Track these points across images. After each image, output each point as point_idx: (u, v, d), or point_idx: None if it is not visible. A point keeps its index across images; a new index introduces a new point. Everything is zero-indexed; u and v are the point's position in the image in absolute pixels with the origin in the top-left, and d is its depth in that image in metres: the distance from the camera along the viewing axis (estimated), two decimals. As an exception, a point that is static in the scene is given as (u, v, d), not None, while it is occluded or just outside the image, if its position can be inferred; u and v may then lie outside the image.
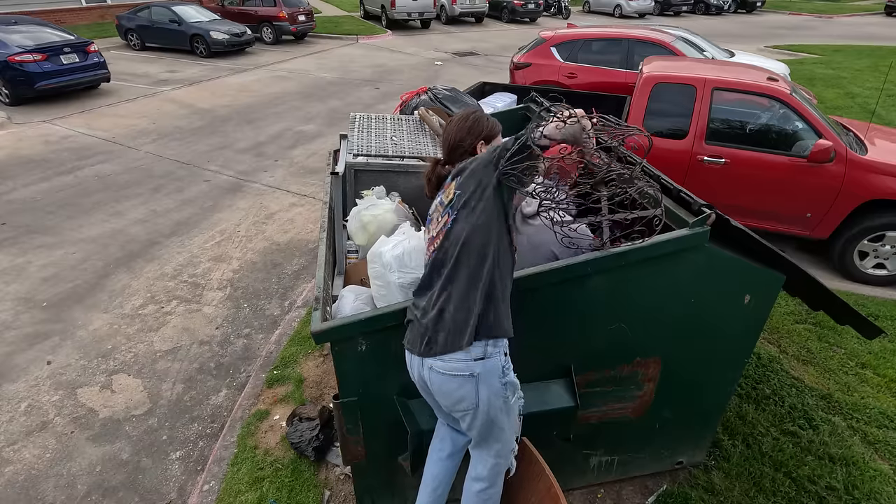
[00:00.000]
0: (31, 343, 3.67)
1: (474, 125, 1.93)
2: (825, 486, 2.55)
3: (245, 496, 2.55)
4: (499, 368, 1.67)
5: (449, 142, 1.95)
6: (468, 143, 1.92)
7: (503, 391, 1.70)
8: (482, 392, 1.67)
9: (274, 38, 15.56)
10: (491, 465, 1.86)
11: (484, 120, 1.96)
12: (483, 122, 1.95)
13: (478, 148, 1.92)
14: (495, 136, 1.96)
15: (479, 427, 1.78)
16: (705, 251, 1.91)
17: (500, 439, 1.81)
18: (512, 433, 1.84)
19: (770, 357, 3.38)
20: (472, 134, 1.92)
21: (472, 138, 1.92)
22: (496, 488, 1.90)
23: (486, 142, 1.93)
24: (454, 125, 1.95)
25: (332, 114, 8.92)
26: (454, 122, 1.97)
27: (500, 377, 1.68)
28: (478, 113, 1.98)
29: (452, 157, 1.95)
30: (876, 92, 9.58)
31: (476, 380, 1.66)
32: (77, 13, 17.02)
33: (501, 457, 1.86)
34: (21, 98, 9.12)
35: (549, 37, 7.28)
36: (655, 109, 4.49)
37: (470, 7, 20.25)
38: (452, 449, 2.00)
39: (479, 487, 1.89)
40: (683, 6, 24.37)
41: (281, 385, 3.23)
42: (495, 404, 1.71)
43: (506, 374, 1.70)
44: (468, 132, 1.92)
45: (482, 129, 1.94)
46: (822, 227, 4.29)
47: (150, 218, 5.42)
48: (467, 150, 1.91)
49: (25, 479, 2.72)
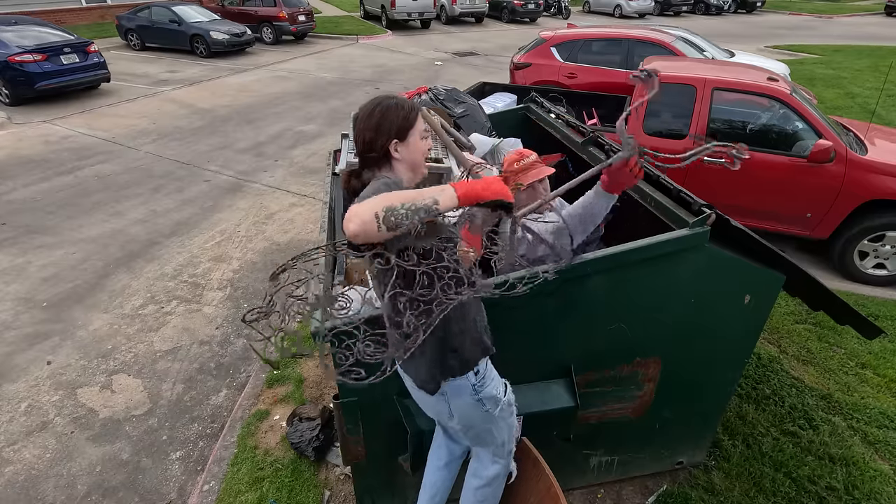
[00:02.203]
0: (31, 343, 3.67)
1: (382, 120, 1.49)
2: (825, 487, 2.54)
3: (245, 496, 2.55)
4: (468, 387, 1.61)
5: (358, 142, 1.53)
6: (379, 146, 1.49)
7: (480, 406, 1.64)
8: (454, 407, 1.64)
9: (274, 39, 15.56)
10: (488, 465, 1.86)
11: (393, 109, 1.50)
12: (392, 112, 1.50)
13: (391, 149, 1.50)
14: (411, 126, 1.52)
15: (465, 434, 1.78)
16: (705, 251, 1.91)
17: (492, 443, 1.80)
18: (506, 437, 1.80)
19: (770, 357, 3.38)
20: (382, 132, 1.49)
21: (383, 138, 1.49)
22: (492, 489, 1.89)
23: (400, 139, 1.50)
24: (360, 123, 1.53)
25: (333, 114, 8.92)
26: (359, 118, 1.54)
27: (471, 394, 1.62)
28: (385, 101, 1.52)
29: (364, 161, 1.55)
30: (876, 92, 9.57)
31: (446, 397, 1.63)
32: (77, 13, 17.03)
33: (499, 457, 1.85)
34: (21, 98, 9.13)
35: (549, 37, 7.28)
36: (655, 109, 4.49)
37: (470, 7, 20.24)
38: (449, 458, 1.99)
39: (476, 484, 1.89)
40: (683, 6, 24.36)
41: (281, 385, 3.23)
42: (474, 417, 1.68)
43: (479, 391, 1.62)
44: (376, 130, 1.49)
45: (392, 124, 1.49)
46: (822, 227, 4.29)
47: (150, 218, 5.42)
48: (380, 154, 1.51)
49: (25, 479, 2.72)
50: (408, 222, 1.15)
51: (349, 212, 1.18)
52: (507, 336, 1.78)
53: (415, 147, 1.54)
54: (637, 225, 2.13)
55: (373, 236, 1.15)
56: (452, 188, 1.24)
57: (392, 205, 1.16)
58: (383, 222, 1.14)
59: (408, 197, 1.19)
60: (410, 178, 1.57)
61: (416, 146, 1.54)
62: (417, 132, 1.54)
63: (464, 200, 1.23)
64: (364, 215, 1.14)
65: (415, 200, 1.18)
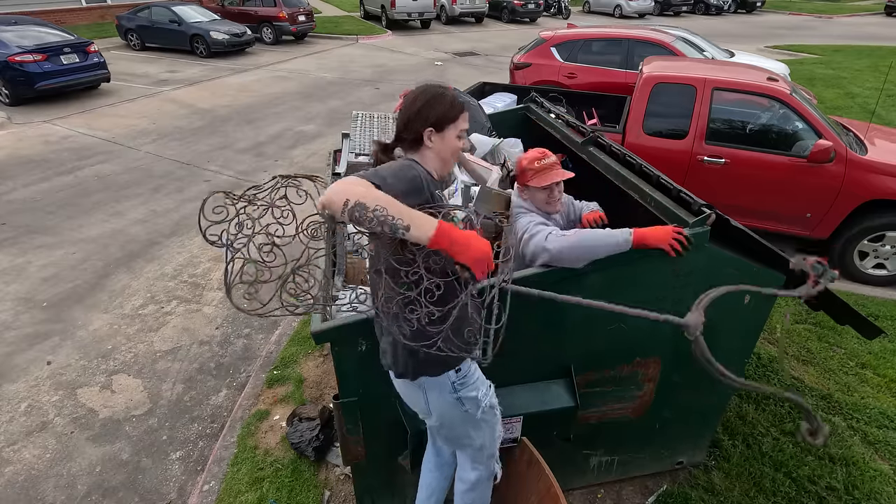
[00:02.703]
0: (31, 343, 3.67)
1: (425, 106, 1.48)
2: (825, 487, 2.55)
3: (245, 496, 2.55)
4: (447, 384, 1.59)
5: (399, 123, 1.55)
6: (414, 129, 1.50)
7: (459, 405, 1.62)
8: (431, 401, 1.63)
9: (274, 39, 15.56)
10: (469, 469, 1.85)
11: (439, 99, 1.50)
12: (437, 101, 1.49)
13: (425, 136, 1.49)
14: (452, 122, 1.51)
15: (439, 433, 1.76)
16: (705, 251, 1.91)
17: (469, 446, 1.78)
18: (486, 441, 1.78)
19: (770, 357, 3.38)
20: (421, 117, 1.48)
21: (420, 123, 1.49)
22: (478, 493, 1.89)
23: (436, 129, 1.49)
24: (404, 103, 1.54)
25: (332, 114, 8.92)
26: (407, 98, 1.55)
27: (450, 392, 1.60)
28: (435, 89, 1.53)
29: (398, 141, 1.57)
30: (876, 92, 9.57)
31: (423, 390, 1.62)
32: (77, 13, 17.03)
33: (478, 462, 1.83)
34: (21, 98, 9.13)
35: (549, 37, 7.28)
36: (655, 109, 4.49)
37: (470, 7, 20.24)
38: (439, 461, 2.00)
39: (461, 488, 1.89)
40: (683, 6, 24.36)
41: (281, 385, 3.23)
42: (453, 416, 1.66)
43: (458, 390, 1.60)
44: (417, 115, 1.49)
45: (434, 113, 1.48)
46: (822, 227, 4.29)
47: (150, 218, 5.42)
48: (413, 137, 1.51)
49: (25, 479, 2.72)
50: (368, 225, 1.17)
51: (337, 182, 1.22)
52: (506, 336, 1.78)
53: (449, 142, 1.53)
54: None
55: (335, 214, 1.20)
56: (433, 228, 1.21)
57: (366, 203, 1.17)
58: (348, 211, 1.17)
59: (389, 206, 1.18)
60: (437, 169, 1.56)
61: (450, 141, 1.53)
62: (456, 129, 1.53)
63: (433, 245, 1.21)
64: (340, 194, 1.18)
65: (391, 212, 1.17)
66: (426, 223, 1.20)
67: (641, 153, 2.82)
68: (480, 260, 1.23)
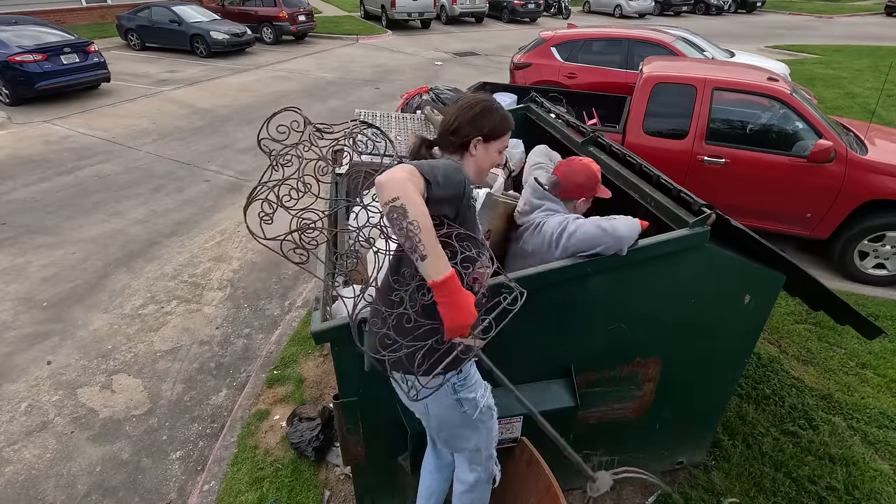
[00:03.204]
0: (31, 343, 3.67)
1: (478, 117, 1.59)
2: (825, 487, 2.54)
3: (245, 496, 2.55)
4: (447, 386, 1.57)
5: (445, 123, 1.63)
6: (464, 134, 1.59)
7: (457, 406, 1.62)
8: (430, 406, 1.62)
9: (274, 39, 15.56)
10: (467, 471, 1.85)
11: (494, 113, 1.61)
12: (492, 114, 1.61)
13: (472, 144, 1.60)
14: (500, 137, 1.64)
15: (437, 434, 1.76)
16: (705, 251, 1.91)
17: (466, 448, 1.78)
18: (483, 443, 1.78)
19: (770, 357, 3.38)
20: (474, 125, 1.59)
21: (471, 130, 1.59)
22: (476, 494, 1.88)
23: (484, 140, 1.60)
24: (458, 108, 1.63)
25: (333, 114, 8.92)
26: (460, 103, 1.65)
27: (450, 393, 1.59)
28: (490, 104, 1.63)
29: (442, 140, 1.64)
30: (876, 92, 9.57)
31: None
32: (77, 13, 17.02)
33: (475, 464, 1.83)
34: (21, 98, 9.13)
35: (549, 37, 7.28)
36: (655, 110, 4.48)
37: (470, 7, 20.25)
38: (438, 462, 2.00)
39: (459, 489, 1.89)
40: (683, 6, 24.36)
41: (281, 385, 3.23)
42: (451, 417, 1.65)
43: (458, 391, 1.60)
44: (470, 122, 1.59)
45: (486, 124, 1.59)
46: (822, 227, 4.29)
47: (150, 218, 5.42)
48: (461, 142, 1.60)
49: (25, 479, 2.72)
50: (395, 228, 1.24)
51: (401, 171, 1.28)
52: (507, 336, 1.78)
53: (490, 155, 1.64)
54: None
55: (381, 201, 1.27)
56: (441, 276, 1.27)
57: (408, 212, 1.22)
58: (390, 206, 1.23)
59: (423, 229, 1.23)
60: (473, 177, 1.63)
61: (491, 155, 1.64)
62: (500, 145, 1.65)
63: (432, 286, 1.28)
64: (396, 188, 1.24)
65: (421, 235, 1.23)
66: (440, 267, 1.26)
67: (641, 153, 2.82)
68: (455, 329, 1.31)
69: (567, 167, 2.12)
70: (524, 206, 2.14)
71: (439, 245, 1.27)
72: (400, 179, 1.25)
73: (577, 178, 2.09)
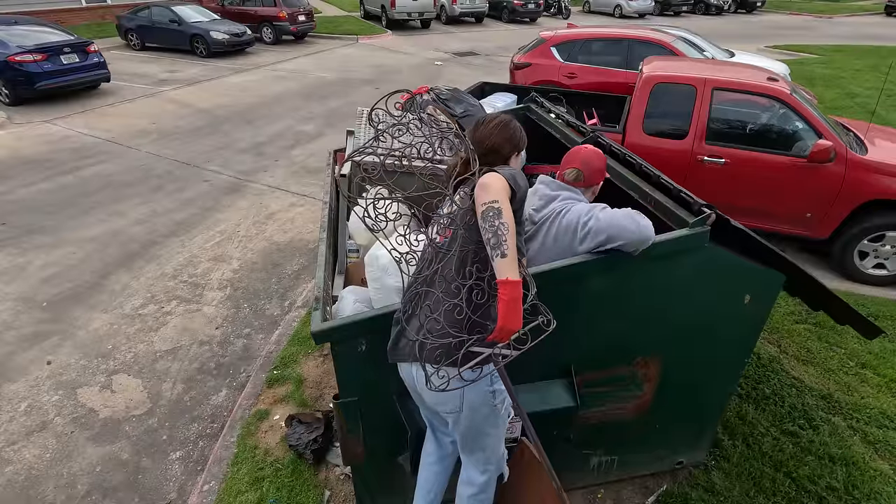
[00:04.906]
0: (31, 343, 3.67)
1: (513, 134, 1.87)
2: (825, 486, 2.55)
3: (245, 496, 2.55)
4: (486, 376, 1.62)
5: (487, 144, 1.83)
6: (507, 151, 1.85)
7: (491, 399, 1.67)
8: (468, 396, 1.65)
9: (274, 38, 15.56)
10: (480, 472, 1.86)
11: (519, 129, 1.91)
12: (519, 131, 1.90)
13: (512, 157, 1.87)
14: (523, 148, 1.91)
15: (463, 431, 1.76)
16: (705, 251, 1.91)
17: (486, 447, 1.80)
18: (499, 442, 1.83)
19: (770, 357, 3.38)
20: (512, 143, 1.86)
21: (510, 147, 1.85)
22: (487, 494, 1.90)
23: (517, 152, 1.90)
24: (494, 128, 1.85)
25: (332, 114, 8.92)
26: (494, 125, 1.87)
27: (487, 383, 1.64)
28: (516, 121, 1.92)
29: (487, 159, 1.81)
30: (876, 92, 9.57)
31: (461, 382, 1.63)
32: (77, 13, 17.01)
33: (490, 464, 1.85)
34: (21, 98, 9.13)
35: (549, 37, 7.28)
36: (655, 110, 4.48)
37: (470, 7, 20.24)
38: (440, 454, 2.00)
39: (469, 492, 1.89)
40: (683, 6, 24.36)
41: (281, 385, 3.23)
42: (481, 411, 1.68)
43: (493, 382, 1.66)
44: (508, 141, 1.85)
45: (520, 139, 1.89)
46: (822, 227, 4.29)
47: (150, 218, 5.42)
48: (505, 158, 1.85)
49: (25, 479, 2.72)
50: (487, 226, 1.43)
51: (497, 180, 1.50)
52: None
53: (518, 162, 1.94)
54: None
55: (479, 196, 1.48)
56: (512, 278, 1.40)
57: (502, 213, 1.42)
58: (488, 205, 1.44)
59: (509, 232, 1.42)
60: None
61: (518, 162, 1.93)
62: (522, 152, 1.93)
63: (498, 283, 1.40)
64: (492, 193, 1.46)
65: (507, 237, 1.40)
66: (514, 269, 1.41)
67: (641, 153, 2.82)
68: (505, 330, 1.41)
69: (579, 157, 2.12)
70: (539, 202, 2.08)
71: (516, 250, 1.43)
72: (501, 187, 1.48)
73: (595, 164, 2.11)
